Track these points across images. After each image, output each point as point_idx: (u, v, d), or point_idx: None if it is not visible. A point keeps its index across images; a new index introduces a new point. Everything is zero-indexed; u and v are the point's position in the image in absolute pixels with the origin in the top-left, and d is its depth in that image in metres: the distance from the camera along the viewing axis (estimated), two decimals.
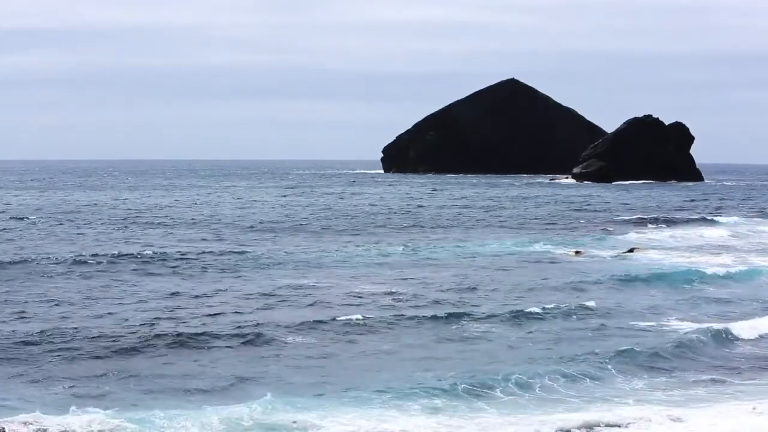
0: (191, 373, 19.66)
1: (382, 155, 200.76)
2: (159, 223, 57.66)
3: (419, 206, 78.23)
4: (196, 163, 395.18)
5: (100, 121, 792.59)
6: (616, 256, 42.78)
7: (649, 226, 60.46)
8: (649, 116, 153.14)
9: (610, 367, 20.84)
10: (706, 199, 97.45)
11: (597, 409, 17.82)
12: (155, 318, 25.07)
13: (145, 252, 39.22)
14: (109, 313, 25.53)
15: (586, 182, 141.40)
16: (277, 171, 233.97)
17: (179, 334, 22.61)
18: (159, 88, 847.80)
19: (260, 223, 58.63)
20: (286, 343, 22.74)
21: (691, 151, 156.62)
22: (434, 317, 25.99)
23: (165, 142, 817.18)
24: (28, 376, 18.89)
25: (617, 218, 67.05)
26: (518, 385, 18.98)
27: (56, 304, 27.04)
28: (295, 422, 16.26)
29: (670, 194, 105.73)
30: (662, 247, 46.81)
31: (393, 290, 30.82)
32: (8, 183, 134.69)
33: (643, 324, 25.98)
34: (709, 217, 67.26)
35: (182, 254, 38.84)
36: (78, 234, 49.91)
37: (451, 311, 26.94)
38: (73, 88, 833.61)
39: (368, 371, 20.21)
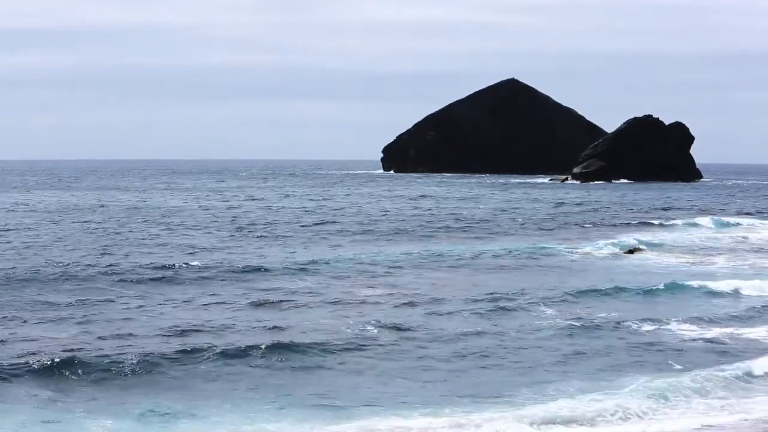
0: (237, 389, 19.60)
1: (382, 155, 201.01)
2: (192, 226, 57.25)
3: (427, 208, 77.70)
4: (200, 163, 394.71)
5: (100, 121, 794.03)
6: (620, 256, 43.02)
7: (655, 225, 60.54)
8: (649, 116, 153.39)
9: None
10: (714, 199, 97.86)
11: None
12: (192, 331, 24.47)
13: (169, 260, 38.09)
14: (130, 329, 25.04)
15: (586, 182, 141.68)
16: (278, 171, 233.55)
17: (212, 347, 22.03)
18: (159, 88, 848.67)
19: (267, 226, 58.03)
20: (328, 353, 22.36)
21: (691, 151, 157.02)
22: (461, 328, 25.65)
23: (165, 142, 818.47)
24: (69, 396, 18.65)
25: (622, 218, 67.02)
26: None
27: (88, 315, 26.71)
28: None
29: (672, 194, 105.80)
30: (670, 248, 46.77)
31: (415, 296, 30.45)
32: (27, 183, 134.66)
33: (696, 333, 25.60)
34: (714, 217, 67.27)
35: (199, 262, 37.94)
36: (89, 236, 50.04)
37: (477, 319, 26.81)
38: (73, 88, 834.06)
39: (389, 385, 20.20)
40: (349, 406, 18.21)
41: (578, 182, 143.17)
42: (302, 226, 58.19)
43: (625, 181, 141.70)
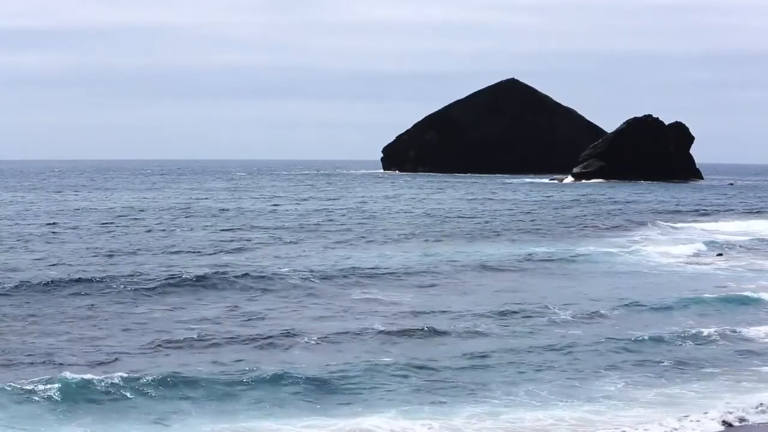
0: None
1: (382, 155, 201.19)
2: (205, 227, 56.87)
3: (429, 210, 76.79)
4: (200, 163, 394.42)
5: (100, 121, 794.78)
6: (647, 258, 42.70)
7: (665, 225, 60.56)
8: (649, 116, 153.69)
9: None
10: (724, 198, 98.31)
11: None
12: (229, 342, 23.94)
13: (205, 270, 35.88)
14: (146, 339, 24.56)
15: (585, 182, 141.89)
16: (279, 171, 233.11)
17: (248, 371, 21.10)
18: (158, 88, 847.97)
19: (279, 229, 57.07)
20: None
21: (691, 151, 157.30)
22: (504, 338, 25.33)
23: (165, 142, 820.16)
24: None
25: (632, 218, 67.00)
26: None
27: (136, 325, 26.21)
28: None
29: (677, 194, 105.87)
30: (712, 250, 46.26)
31: (439, 304, 29.83)
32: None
33: None
34: (721, 219, 67.42)
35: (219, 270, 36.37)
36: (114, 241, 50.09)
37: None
38: (73, 88, 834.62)
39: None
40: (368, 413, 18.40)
41: (578, 182, 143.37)
42: (315, 223, 58.07)
43: (625, 181, 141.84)
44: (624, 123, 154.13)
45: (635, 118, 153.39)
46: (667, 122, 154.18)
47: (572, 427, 17.66)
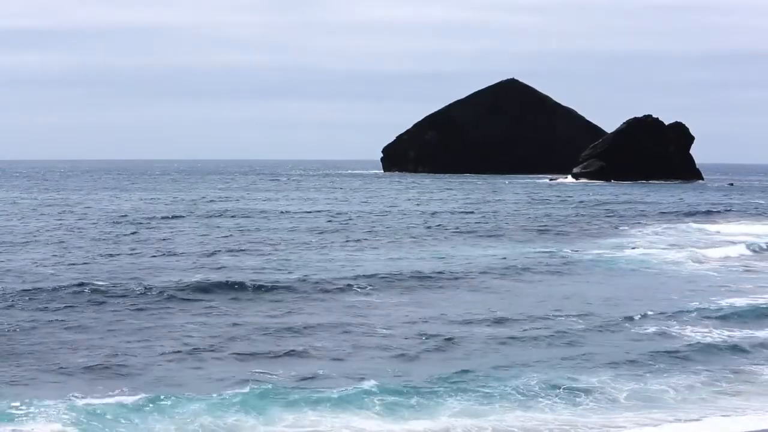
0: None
1: (382, 155, 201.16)
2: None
3: (430, 211, 76.46)
4: (201, 163, 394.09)
5: (100, 121, 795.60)
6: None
7: (665, 225, 60.62)
8: (649, 116, 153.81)
9: None
10: (718, 199, 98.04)
11: None
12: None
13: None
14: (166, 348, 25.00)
15: (585, 182, 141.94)
16: (280, 172, 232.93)
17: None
18: (158, 88, 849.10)
19: (276, 231, 57.38)
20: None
21: (691, 151, 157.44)
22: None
23: (165, 142, 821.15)
24: None
25: (632, 219, 67.09)
26: None
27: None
28: None
29: (676, 194, 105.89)
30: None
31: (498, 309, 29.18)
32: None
33: None
34: (722, 219, 67.33)
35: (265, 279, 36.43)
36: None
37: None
38: (73, 88, 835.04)
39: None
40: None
41: (578, 182, 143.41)
42: (320, 225, 57.90)
43: (625, 181, 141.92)
44: (624, 123, 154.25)
45: (635, 118, 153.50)
46: (667, 122, 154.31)
47: (563, 428, 17.78)
